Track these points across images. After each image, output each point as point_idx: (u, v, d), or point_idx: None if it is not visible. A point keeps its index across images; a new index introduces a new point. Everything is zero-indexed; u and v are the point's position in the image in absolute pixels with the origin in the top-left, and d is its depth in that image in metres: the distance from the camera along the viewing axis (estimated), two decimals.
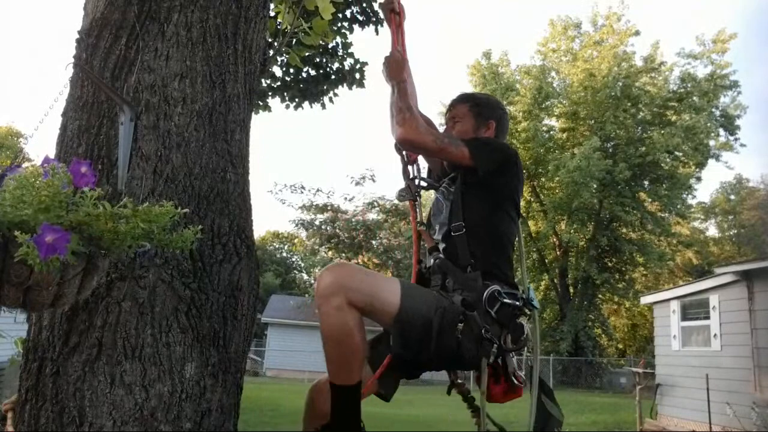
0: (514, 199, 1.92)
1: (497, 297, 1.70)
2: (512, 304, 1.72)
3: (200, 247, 1.55)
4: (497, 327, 1.68)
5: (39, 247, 0.93)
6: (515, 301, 1.73)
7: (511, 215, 1.90)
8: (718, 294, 8.95)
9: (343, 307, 1.52)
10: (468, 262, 1.77)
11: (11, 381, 4.26)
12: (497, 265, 1.80)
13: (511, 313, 1.72)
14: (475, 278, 1.73)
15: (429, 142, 1.83)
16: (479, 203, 1.85)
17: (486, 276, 1.74)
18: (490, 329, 1.65)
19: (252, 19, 1.92)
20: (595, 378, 23.07)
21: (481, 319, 1.65)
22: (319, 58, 6.33)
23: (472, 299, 1.68)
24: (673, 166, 23.60)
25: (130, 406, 1.38)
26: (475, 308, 1.66)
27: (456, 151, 1.84)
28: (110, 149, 1.57)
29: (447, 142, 1.85)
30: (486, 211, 1.85)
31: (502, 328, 1.69)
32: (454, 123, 2.05)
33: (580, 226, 24.73)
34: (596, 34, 25.79)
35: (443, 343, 1.62)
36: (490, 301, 1.69)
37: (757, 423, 7.52)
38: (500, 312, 1.69)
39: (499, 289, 1.71)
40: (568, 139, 25.89)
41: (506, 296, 1.71)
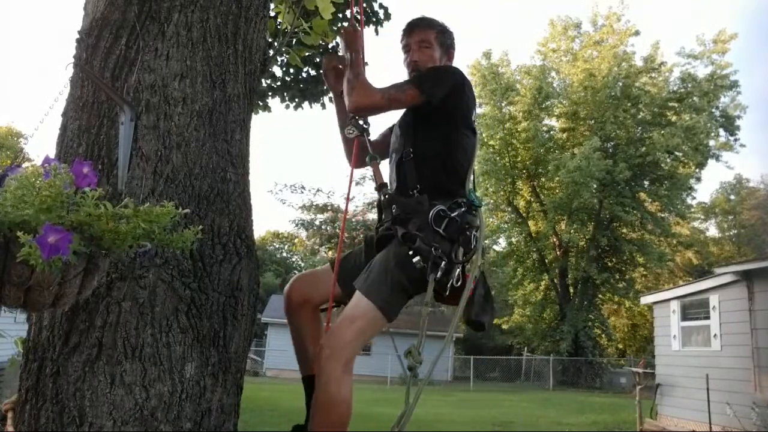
0: (467, 118, 1.99)
1: (442, 215, 1.78)
2: (458, 219, 1.80)
3: (200, 247, 1.55)
4: (447, 243, 1.77)
5: (42, 247, 0.93)
6: (460, 210, 1.82)
7: (465, 134, 1.96)
8: (718, 294, 8.95)
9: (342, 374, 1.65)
10: (414, 186, 1.86)
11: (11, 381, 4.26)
12: (445, 184, 1.88)
13: (459, 228, 1.80)
14: (422, 201, 1.82)
15: (378, 101, 1.90)
16: (430, 128, 1.94)
17: (433, 196, 1.82)
18: (440, 246, 1.74)
19: (252, 19, 1.92)
20: (595, 378, 23.07)
21: (428, 240, 1.74)
22: (319, 58, 6.33)
23: (419, 222, 1.77)
24: (673, 166, 23.61)
25: (130, 406, 1.38)
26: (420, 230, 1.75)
27: (405, 96, 1.90)
28: (110, 149, 1.57)
29: (394, 93, 1.91)
30: (436, 135, 1.93)
31: (453, 243, 1.78)
32: (420, 46, 2.08)
33: (580, 226, 24.73)
34: (596, 34, 25.80)
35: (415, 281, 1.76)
36: (436, 220, 1.78)
37: (757, 423, 7.52)
38: (448, 228, 1.77)
39: (443, 207, 1.79)
40: (568, 139, 25.89)
41: (450, 211, 1.79)
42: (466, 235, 1.81)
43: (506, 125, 25.14)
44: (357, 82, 1.92)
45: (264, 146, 60.51)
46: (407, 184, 1.90)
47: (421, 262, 1.72)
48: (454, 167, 1.92)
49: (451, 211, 1.79)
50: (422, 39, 2.08)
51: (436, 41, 2.09)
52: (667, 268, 26.98)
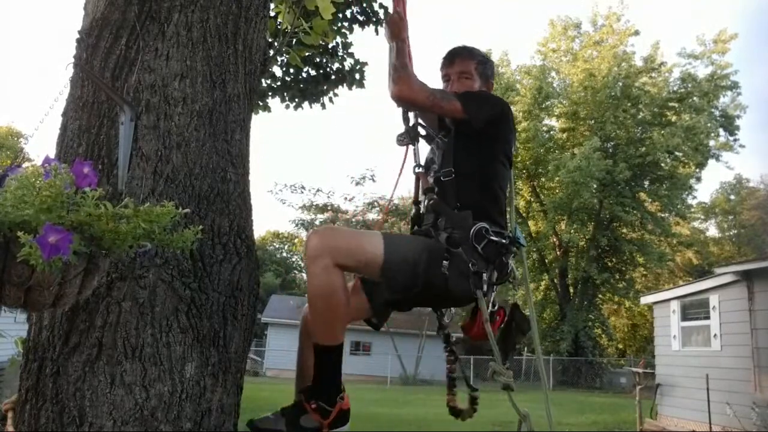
0: (505, 148, 1.99)
1: (484, 234, 1.78)
2: (498, 242, 1.79)
3: (200, 247, 1.55)
4: (483, 263, 1.76)
5: (42, 247, 0.93)
6: (502, 239, 1.81)
7: (502, 163, 1.97)
8: (718, 294, 8.95)
9: (329, 267, 1.62)
10: (455, 205, 1.86)
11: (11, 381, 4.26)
12: (485, 208, 1.87)
13: (497, 251, 1.80)
14: (466, 217, 1.81)
15: (422, 99, 1.89)
16: (470, 152, 1.93)
17: (475, 216, 1.81)
18: (477, 264, 1.73)
19: (252, 19, 1.92)
20: (595, 378, 23.07)
21: (467, 255, 1.73)
22: (319, 58, 6.33)
23: (460, 236, 1.75)
24: (673, 166, 23.62)
25: (131, 406, 1.38)
26: (460, 245, 1.74)
27: (448, 105, 1.90)
28: (110, 149, 1.57)
29: (439, 98, 1.90)
30: (476, 159, 1.92)
31: (488, 264, 1.77)
32: (459, 77, 2.08)
33: (580, 226, 24.73)
34: (596, 34, 25.80)
35: (430, 280, 1.70)
36: (477, 237, 1.77)
37: (757, 423, 7.52)
38: (486, 248, 1.77)
39: (486, 226, 1.79)
40: (568, 139, 25.90)
41: (493, 234, 1.79)
42: (503, 260, 1.81)
43: None
44: (404, 72, 1.90)
45: (264, 146, 60.51)
46: (447, 202, 1.88)
47: (447, 269, 1.69)
48: (494, 193, 1.92)
49: (494, 235, 1.79)
50: (462, 70, 2.08)
51: (476, 72, 2.09)
52: (667, 268, 26.99)
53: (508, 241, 1.84)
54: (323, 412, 1.65)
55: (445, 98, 1.91)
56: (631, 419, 10.32)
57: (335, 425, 1.68)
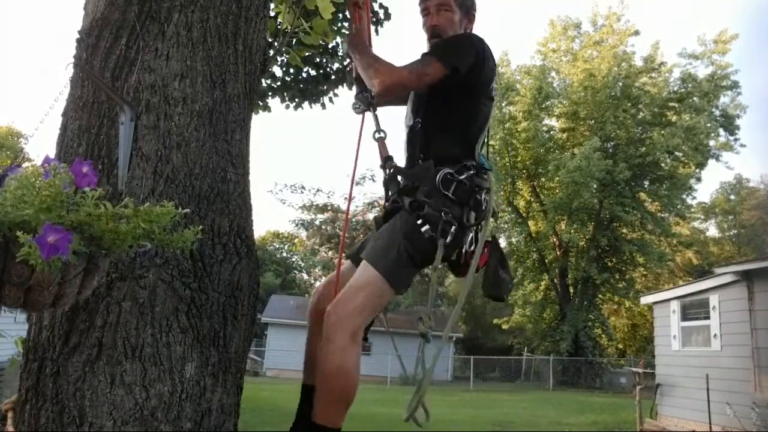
0: (486, 88, 1.93)
1: (450, 178, 1.74)
2: (466, 182, 1.75)
3: (200, 247, 1.55)
4: (457, 207, 1.73)
5: (41, 247, 0.93)
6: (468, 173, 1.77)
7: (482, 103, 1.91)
8: (718, 294, 8.95)
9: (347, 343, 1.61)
10: (419, 155, 1.82)
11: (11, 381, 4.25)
12: (453, 151, 1.82)
13: (469, 190, 1.76)
14: (428, 167, 1.77)
15: (406, 77, 1.83)
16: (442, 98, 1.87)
17: (440, 163, 1.77)
18: (450, 210, 1.70)
19: (252, 19, 1.92)
20: (595, 378, 23.07)
21: (439, 205, 1.70)
22: (319, 58, 6.33)
23: (427, 188, 1.72)
24: (673, 166, 23.62)
25: (131, 406, 1.38)
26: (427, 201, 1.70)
27: (431, 69, 1.82)
28: (110, 149, 1.57)
29: (419, 67, 1.84)
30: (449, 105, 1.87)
31: (463, 207, 1.74)
32: (438, 9, 2.00)
33: (580, 226, 24.74)
34: (596, 34, 25.80)
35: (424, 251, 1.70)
36: (443, 183, 1.73)
37: (757, 423, 7.52)
38: (457, 191, 1.74)
39: (451, 170, 1.75)
40: (568, 139, 25.90)
41: (459, 174, 1.75)
42: (477, 198, 1.76)
43: (506, 125, 25.14)
44: (378, 64, 1.85)
45: (264, 146, 60.49)
46: (414, 154, 1.85)
47: (430, 231, 1.67)
48: (466, 135, 1.87)
49: (459, 174, 1.75)
50: (441, 2, 1.99)
51: (456, 3, 2.00)
52: (667, 268, 26.99)
53: (473, 171, 1.79)
54: None
55: (424, 64, 1.84)
56: (631, 419, 10.32)
57: None
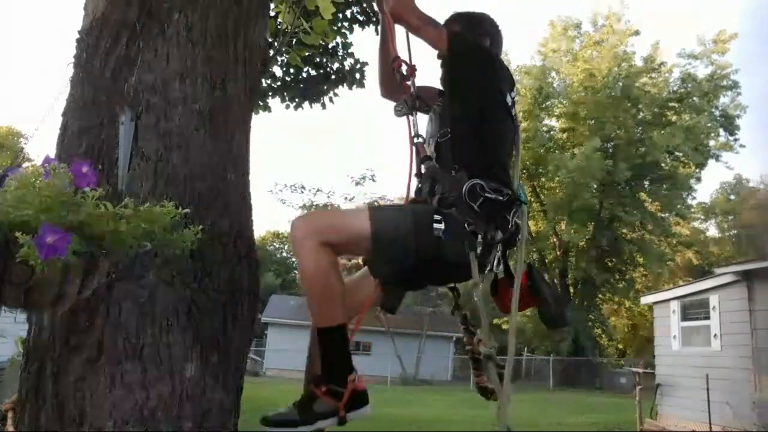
0: (500, 99, 1.91)
1: (478, 191, 1.69)
2: (495, 198, 1.70)
3: (200, 248, 1.55)
4: (482, 222, 1.67)
5: (39, 248, 0.93)
6: (500, 195, 1.72)
7: (500, 116, 1.90)
8: (718, 294, 8.95)
9: (316, 248, 1.58)
10: (452, 167, 1.79)
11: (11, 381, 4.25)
12: (484, 166, 1.79)
13: (496, 207, 1.71)
14: (460, 178, 1.73)
15: (413, 19, 1.91)
16: (465, 109, 1.87)
17: (472, 175, 1.74)
18: (474, 223, 1.65)
19: (252, 19, 1.92)
20: (595, 378, 23.07)
21: (462, 215, 1.66)
22: (319, 58, 6.32)
23: (454, 196, 1.69)
24: (673, 167, 23.62)
25: (131, 406, 1.38)
26: (454, 205, 1.67)
27: (434, 32, 1.89)
28: (110, 149, 1.57)
29: (428, 21, 1.91)
30: (471, 116, 1.86)
31: (488, 224, 1.69)
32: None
33: (580, 226, 24.73)
34: (596, 35, 25.79)
35: (423, 246, 1.63)
36: (470, 195, 1.68)
37: (757, 423, 7.52)
38: (483, 206, 1.69)
39: (481, 183, 1.70)
40: (568, 139, 25.90)
41: (489, 191, 1.70)
42: (505, 217, 1.72)
43: None
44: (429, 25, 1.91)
45: (264, 146, 60.50)
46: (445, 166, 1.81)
47: (441, 231, 1.63)
48: (494, 148, 1.86)
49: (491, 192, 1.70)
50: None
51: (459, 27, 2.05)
52: (667, 268, 26.96)
53: (507, 198, 1.74)
54: (335, 395, 1.57)
55: (434, 24, 1.91)
56: (631, 419, 10.32)
57: (352, 407, 1.59)
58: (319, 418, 1.58)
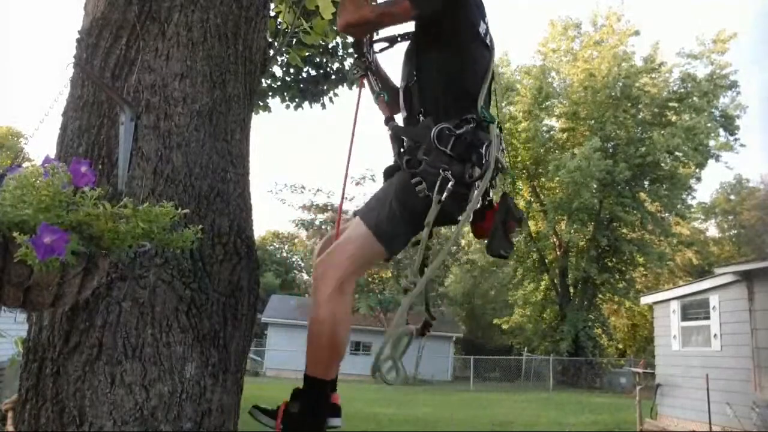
0: (473, 30, 1.83)
1: (447, 134, 1.67)
2: (465, 137, 1.67)
3: (200, 247, 1.55)
4: (458, 164, 1.66)
5: (37, 248, 0.93)
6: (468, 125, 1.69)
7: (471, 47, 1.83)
8: (718, 294, 8.96)
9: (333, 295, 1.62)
10: (419, 110, 1.77)
11: (11, 381, 4.26)
12: (453, 104, 1.76)
13: (469, 145, 1.68)
14: (427, 125, 1.70)
15: (367, 14, 1.78)
16: (434, 48, 1.82)
17: (440, 118, 1.71)
18: (449, 167, 1.63)
19: (252, 19, 1.92)
20: (595, 378, 23.08)
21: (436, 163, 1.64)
22: (319, 58, 6.33)
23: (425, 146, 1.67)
24: (673, 167, 23.62)
25: (131, 406, 1.38)
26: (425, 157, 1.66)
27: (396, 9, 1.76)
28: (110, 149, 1.57)
29: (384, 7, 1.79)
30: (441, 54, 1.81)
31: (464, 163, 1.67)
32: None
33: (580, 226, 24.74)
34: (596, 35, 25.81)
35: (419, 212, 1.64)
36: (440, 139, 1.66)
37: (757, 423, 7.53)
38: (455, 147, 1.66)
39: (448, 125, 1.68)
40: (568, 140, 25.91)
41: (456, 128, 1.68)
42: (479, 152, 1.68)
43: (506, 125, 25.15)
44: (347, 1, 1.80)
45: (264, 146, 60.48)
46: (413, 111, 1.79)
47: (425, 190, 1.62)
48: (464, 86, 1.79)
49: (457, 129, 1.67)
50: None
51: None
52: (667, 268, 26.99)
53: (474, 124, 1.71)
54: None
55: (390, 5, 1.77)
56: (631, 419, 10.32)
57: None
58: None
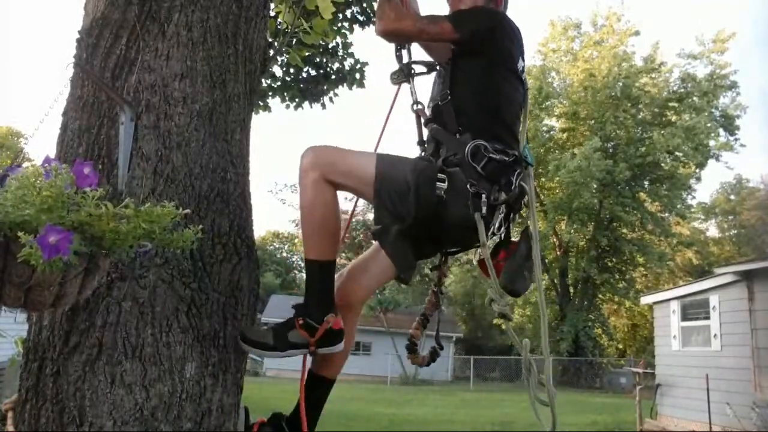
0: (508, 61, 1.87)
1: (482, 152, 1.68)
2: (499, 159, 1.68)
3: (200, 247, 1.55)
4: (486, 183, 1.66)
5: (42, 247, 0.93)
6: (504, 156, 1.70)
7: (507, 78, 1.86)
8: (718, 294, 8.96)
9: (319, 181, 1.63)
10: (455, 129, 1.77)
11: (11, 381, 4.26)
12: (487, 127, 1.77)
13: (500, 169, 1.69)
14: (464, 139, 1.72)
15: (408, 27, 1.82)
16: (470, 72, 1.84)
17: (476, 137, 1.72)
18: (477, 184, 1.64)
19: (252, 19, 1.92)
20: (595, 378, 23.09)
21: (465, 175, 1.65)
22: (319, 58, 6.33)
23: (459, 158, 1.68)
24: (673, 167, 23.63)
25: (131, 406, 1.38)
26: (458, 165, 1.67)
27: (436, 28, 1.81)
28: (110, 149, 1.57)
29: (426, 23, 1.83)
30: (476, 78, 1.83)
31: (492, 185, 1.67)
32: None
33: (580, 226, 24.74)
34: (596, 35, 25.82)
35: (423, 202, 1.64)
36: (473, 155, 1.67)
37: (757, 423, 7.53)
38: (486, 167, 1.67)
39: (485, 144, 1.69)
40: (568, 140, 25.91)
41: (493, 152, 1.68)
42: (509, 179, 1.69)
43: None
44: (387, 5, 1.83)
45: (264, 146, 60.50)
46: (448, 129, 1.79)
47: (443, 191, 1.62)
48: (498, 111, 1.81)
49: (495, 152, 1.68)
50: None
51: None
52: (667, 268, 27.00)
53: (512, 159, 1.71)
54: (310, 329, 1.61)
55: (432, 21, 1.82)
56: (631, 419, 10.33)
57: (323, 344, 1.63)
58: (291, 347, 1.64)
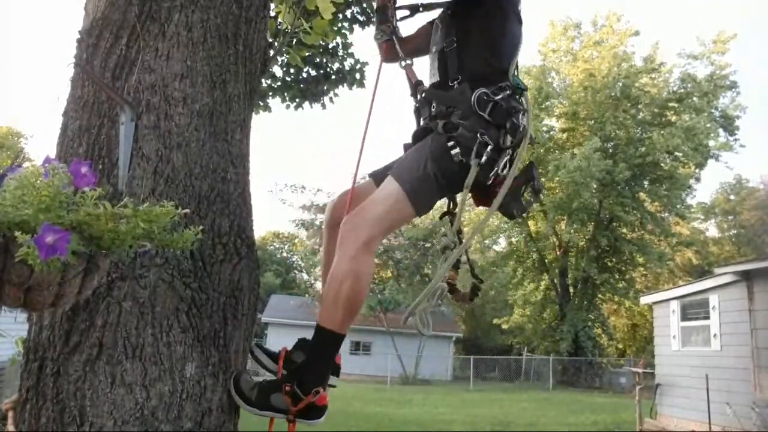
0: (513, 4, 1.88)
1: (486, 99, 1.69)
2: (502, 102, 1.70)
3: (201, 247, 1.55)
4: (494, 129, 1.68)
5: (39, 247, 0.93)
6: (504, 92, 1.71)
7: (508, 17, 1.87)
8: (718, 294, 8.96)
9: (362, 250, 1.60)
10: (456, 77, 1.77)
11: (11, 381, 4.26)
12: (489, 72, 1.78)
13: (506, 112, 1.70)
14: (462, 90, 1.72)
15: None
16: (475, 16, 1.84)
17: (476, 85, 1.72)
18: (486, 132, 1.65)
19: (252, 19, 1.92)
20: (595, 378, 23.09)
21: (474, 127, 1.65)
22: (319, 58, 6.33)
23: (462, 110, 1.69)
24: (673, 167, 23.63)
25: (131, 406, 1.38)
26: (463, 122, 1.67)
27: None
28: (111, 149, 1.57)
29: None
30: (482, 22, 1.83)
31: (499, 129, 1.69)
32: None
33: (580, 226, 24.75)
34: (596, 35, 25.82)
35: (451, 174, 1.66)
36: (479, 104, 1.68)
37: (757, 423, 7.53)
38: (493, 113, 1.69)
39: (486, 91, 1.69)
40: (568, 140, 25.91)
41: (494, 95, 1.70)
42: (514, 121, 1.71)
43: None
44: None
45: (264, 146, 60.51)
46: (448, 76, 1.80)
47: (459, 155, 1.63)
48: (499, 56, 1.82)
49: (494, 95, 1.70)
50: None
51: None
52: (667, 268, 26.99)
53: (509, 92, 1.74)
54: (295, 398, 1.57)
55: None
56: (631, 419, 10.33)
57: (302, 416, 1.60)
58: (270, 410, 1.60)
